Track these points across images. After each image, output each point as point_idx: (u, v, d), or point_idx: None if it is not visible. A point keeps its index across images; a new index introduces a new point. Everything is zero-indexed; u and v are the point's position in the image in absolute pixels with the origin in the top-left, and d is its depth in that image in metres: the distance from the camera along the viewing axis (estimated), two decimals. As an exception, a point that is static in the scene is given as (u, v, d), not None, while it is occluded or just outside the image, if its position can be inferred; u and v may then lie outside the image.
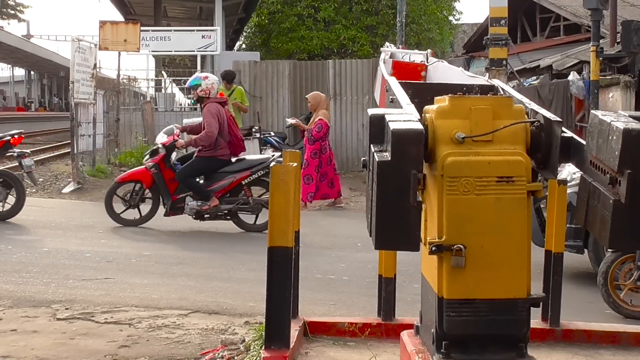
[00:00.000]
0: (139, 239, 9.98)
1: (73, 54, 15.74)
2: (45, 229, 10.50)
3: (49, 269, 7.80)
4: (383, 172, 3.47)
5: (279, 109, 19.91)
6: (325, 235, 10.67)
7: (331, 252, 9.47)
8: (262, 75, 20.04)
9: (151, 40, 28.48)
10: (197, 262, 8.51)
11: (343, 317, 5.74)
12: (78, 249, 8.98)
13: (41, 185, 16.22)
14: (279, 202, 4.20)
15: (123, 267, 8.11)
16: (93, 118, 17.12)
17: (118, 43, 19.51)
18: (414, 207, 3.47)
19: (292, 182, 4.24)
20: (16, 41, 53.02)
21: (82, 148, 16.47)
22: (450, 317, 3.52)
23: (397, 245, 3.65)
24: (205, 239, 10.26)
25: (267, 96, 19.89)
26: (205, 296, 6.82)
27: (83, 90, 16.19)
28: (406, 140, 3.47)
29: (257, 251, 8.87)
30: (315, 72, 20.16)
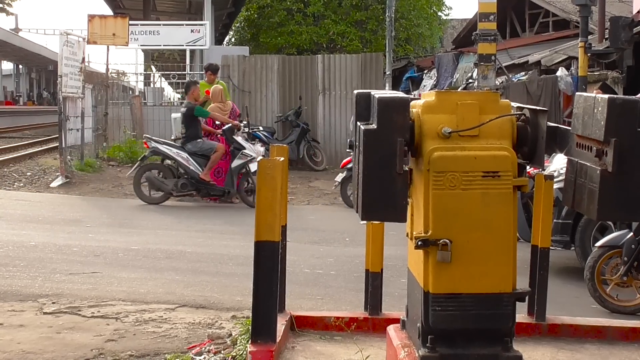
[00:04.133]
0: (127, 233, 9.95)
1: (61, 48, 15.69)
2: (32, 223, 10.46)
3: (36, 263, 7.78)
4: (369, 140, 3.49)
5: (267, 104, 19.91)
6: (313, 229, 10.67)
7: (319, 246, 9.48)
8: (251, 70, 20.03)
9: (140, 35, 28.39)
10: (184, 256, 8.49)
11: (330, 311, 5.75)
12: (65, 243, 8.95)
13: (29, 179, 16.17)
14: (266, 197, 4.20)
15: (110, 261, 8.09)
16: (81, 112, 17.08)
17: (107, 37, 19.47)
18: (400, 176, 3.48)
19: (279, 177, 4.24)
20: (4, 35, 52.78)
21: (71, 142, 16.42)
22: (436, 311, 3.53)
23: (383, 215, 3.64)
24: (193, 233, 10.24)
25: (256, 91, 19.89)
26: (192, 290, 6.82)
27: (71, 84, 16.13)
28: (392, 107, 3.49)
29: (245, 245, 8.88)
30: (304, 67, 20.16)
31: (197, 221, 11.30)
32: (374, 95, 3.58)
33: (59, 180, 15.16)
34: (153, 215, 11.83)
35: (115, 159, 18.87)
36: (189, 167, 12.84)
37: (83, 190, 14.45)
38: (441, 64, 27.36)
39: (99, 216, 11.55)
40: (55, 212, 11.74)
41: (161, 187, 12.96)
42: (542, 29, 28.07)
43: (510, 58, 23.33)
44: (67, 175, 15.38)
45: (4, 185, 15.31)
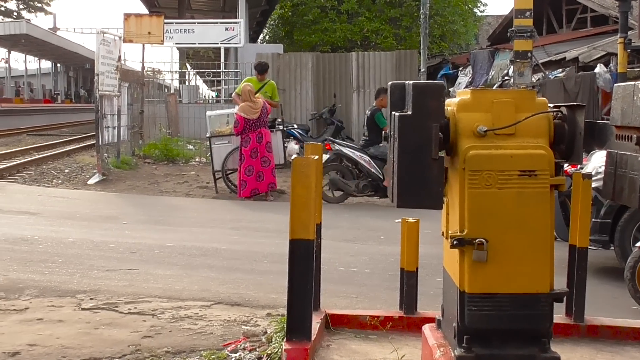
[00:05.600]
0: (162, 230, 10.00)
1: (98, 47, 15.79)
2: (70, 220, 10.55)
3: (74, 259, 7.84)
4: (404, 126, 3.48)
5: (302, 102, 19.94)
6: (347, 227, 10.65)
7: (353, 244, 9.45)
8: (285, 68, 20.07)
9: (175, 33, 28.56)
10: (219, 253, 8.51)
11: (365, 309, 5.72)
12: (102, 239, 9.02)
13: (67, 176, 16.33)
14: (300, 195, 4.19)
15: (146, 258, 8.13)
16: (117, 110, 17.19)
17: (142, 35, 19.59)
18: (435, 162, 3.47)
19: (313, 175, 4.22)
20: (43, 34, 53.31)
21: (107, 140, 16.55)
22: (472, 311, 3.50)
23: (419, 201, 3.62)
24: (227, 231, 10.27)
25: (290, 88, 19.93)
26: (227, 288, 6.83)
27: (108, 83, 16.24)
28: (427, 93, 3.48)
29: (279, 243, 8.88)
30: (338, 65, 20.16)
31: (232, 219, 11.34)
32: (409, 83, 3.58)
33: (96, 178, 15.30)
34: (188, 213, 11.89)
35: (150, 156, 18.99)
36: (371, 171, 13.17)
37: (119, 187, 14.57)
38: (476, 61, 27.22)
39: (135, 213, 11.63)
40: (93, 209, 11.84)
41: (344, 188, 13.31)
42: (580, 25, 27.82)
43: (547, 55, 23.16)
44: (103, 173, 15.52)
45: (43, 182, 15.47)
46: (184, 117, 23.35)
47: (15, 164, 18.61)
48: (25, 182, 15.38)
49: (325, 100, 19.78)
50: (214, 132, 14.54)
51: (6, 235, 8.97)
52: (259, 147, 13.33)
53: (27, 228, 9.64)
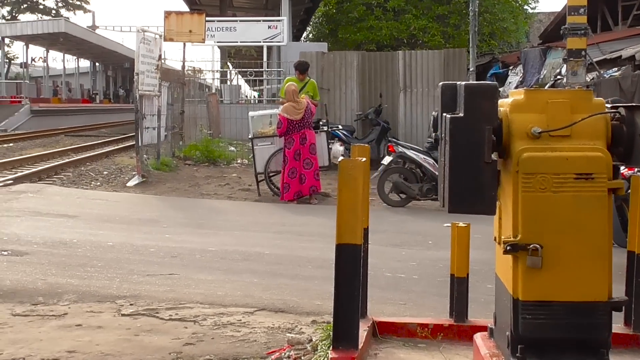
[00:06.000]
0: (204, 234, 10.06)
1: (138, 45, 15.89)
2: (109, 223, 10.66)
3: (113, 263, 7.93)
4: (455, 128, 3.47)
5: (347, 102, 19.93)
6: (394, 232, 10.63)
7: (401, 249, 9.43)
8: (330, 67, 20.08)
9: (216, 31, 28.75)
10: (262, 258, 8.55)
11: (413, 317, 5.71)
12: (142, 243, 9.10)
13: (106, 178, 16.51)
14: (347, 198, 4.19)
15: (187, 262, 8.19)
16: (157, 110, 17.30)
17: (183, 34, 19.73)
18: (488, 165, 3.45)
19: (360, 177, 4.23)
20: (81, 32, 53.90)
21: (147, 141, 16.65)
22: (526, 319, 3.48)
23: (471, 207, 3.60)
24: (270, 235, 10.30)
25: (334, 88, 19.93)
26: (271, 294, 6.85)
27: (148, 82, 16.35)
28: (479, 94, 3.47)
29: (324, 248, 8.90)
30: (385, 64, 20.12)
31: (275, 222, 11.37)
32: (461, 84, 3.58)
33: (136, 180, 15.43)
34: (230, 216, 11.95)
35: (191, 158, 19.13)
36: (435, 174, 13.11)
37: (159, 189, 14.69)
38: (527, 59, 27.01)
39: (175, 216, 11.72)
40: (132, 211, 11.96)
41: (407, 191, 13.29)
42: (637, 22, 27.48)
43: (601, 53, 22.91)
44: (143, 175, 15.65)
45: (82, 184, 15.66)
46: (225, 118, 23.49)
47: (53, 165, 18.87)
48: (63, 184, 15.58)
49: (370, 100, 19.75)
50: (257, 133, 14.60)
51: (45, 239, 9.10)
52: (302, 149, 13.37)
53: (65, 231, 9.76)
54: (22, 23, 54.35)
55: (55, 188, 14.56)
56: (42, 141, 30.51)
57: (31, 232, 9.48)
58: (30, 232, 9.48)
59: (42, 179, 16.48)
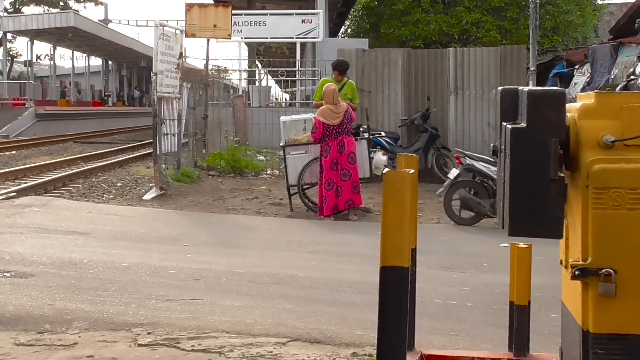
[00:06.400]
0: (230, 254, 10.10)
1: (156, 42, 15.91)
2: (124, 241, 10.73)
3: (129, 286, 7.97)
4: (517, 141, 3.45)
5: (390, 105, 19.92)
6: (445, 253, 10.61)
7: (452, 273, 9.41)
8: (371, 66, 20.07)
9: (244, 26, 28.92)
10: (296, 281, 8.56)
11: (467, 350, 5.69)
12: (161, 264, 9.15)
13: (119, 190, 16.62)
14: (393, 215, 4.18)
15: (212, 286, 8.22)
16: (178, 114, 17.36)
17: (207, 29, 19.80)
18: (554, 182, 3.43)
19: (408, 192, 4.22)
20: (93, 27, 54.44)
21: (166, 149, 16.70)
22: (597, 354, 3.46)
23: (534, 229, 3.57)
24: (305, 255, 10.32)
25: (376, 90, 19.92)
26: (306, 322, 6.85)
27: (167, 83, 16.41)
28: (544, 102, 3.44)
29: (365, 270, 8.90)
30: (433, 62, 20.09)
31: (310, 241, 11.39)
32: (523, 90, 3.55)
33: (153, 192, 15.51)
34: (259, 234, 11.98)
35: (215, 168, 19.21)
36: None
37: (180, 203, 14.77)
38: (596, 57, 26.81)
39: (198, 234, 11.78)
40: (149, 228, 12.03)
41: (477, 208, 13.26)
42: None
43: (681, 50, 22.70)
44: (162, 187, 15.71)
45: (92, 197, 15.80)
46: (253, 123, 23.54)
47: (61, 176, 19.06)
48: (72, 197, 15.72)
49: (417, 103, 19.72)
50: (289, 140, 14.61)
51: (52, 259, 9.18)
52: (339, 158, 13.39)
53: (75, 250, 9.84)
54: (27, 16, 54.92)
55: (64, 201, 14.68)
56: (48, 148, 30.83)
57: (37, 251, 9.56)
58: (36, 251, 9.56)
59: (48, 191, 16.66)
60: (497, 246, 10.42)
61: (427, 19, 33.18)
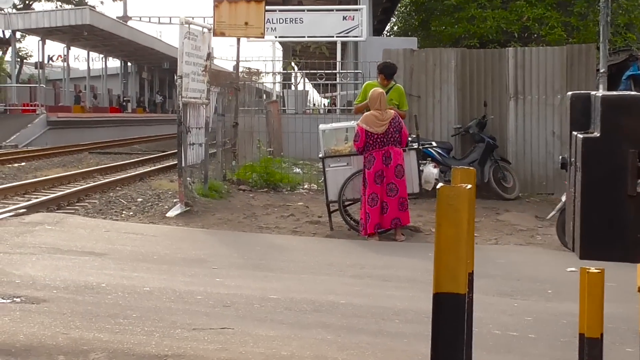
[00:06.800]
0: (263, 278, 10.11)
1: (182, 41, 15.90)
2: (146, 263, 10.77)
3: (151, 314, 8.00)
4: (590, 152, 3.41)
5: (442, 112, 19.88)
6: (504, 277, 10.57)
7: (512, 300, 9.37)
8: (421, 68, 20.05)
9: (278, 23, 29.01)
10: (337, 309, 8.55)
11: (530, 387, 5.67)
12: (187, 289, 9.18)
13: (140, 206, 16.70)
14: (448, 235, 4.19)
15: (244, 313, 8.23)
16: (205, 122, 17.37)
17: (237, 27, 19.81)
18: (632, 200, 3.39)
19: (465, 209, 4.22)
20: (110, 25, 54.83)
21: (192, 160, 16.70)
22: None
23: (609, 252, 3.54)
24: (347, 279, 10.31)
25: (427, 95, 19.89)
26: (348, 354, 6.85)
27: (193, 87, 16.43)
28: (620, 109, 3.40)
29: (414, 296, 8.89)
30: (490, 64, 20.04)
31: (353, 263, 11.38)
32: (596, 95, 3.53)
33: (178, 209, 15.56)
34: (296, 256, 11.99)
35: (246, 181, 19.25)
36: None
37: (207, 221, 14.81)
38: (676, 57, 26.64)
39: (227, 255, 11.80)
40: (174, 249, 12.07)
41: None
42: None
43: None
44: (187, 202, 15.75)
45: (110, 213, 15.90)
46: (288, 132, 23.57)
47: (76, 190, 19.22)
48: (88, 214, 15.83)
49: (472, 110, 19.66)
50: (329, 151, 14.58)
51: (66, 283, 9.24)
52: (385, 170, 13.36)
53: (92, 273, 9.89)
54: (38, 13, 55.50)
55: (79, 219, 14.77)
56: (61, 160, 31.09)
57: (49, 274, 9.63)
58: (49, 274, 9.63)
59: (61, 207, 16.80)
60: (563, 270, 10.37)
61: (484, 15, 33.05)
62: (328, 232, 14.18)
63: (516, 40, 32.69)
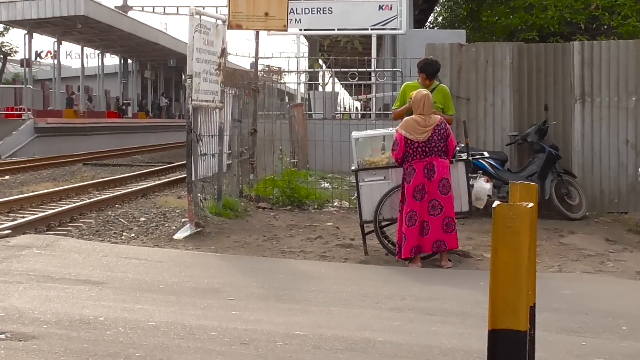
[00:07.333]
0: (287, 311, 10.11)
1: (192, 35, 15.84)
2: (150, 293, 10.79)
3: (157, 353, 8.01)
4: None
5: (495, 117, 19.85)
6: (569, 311, 10.52)
7: (580, 338, 9.34)
8: (470, 66, 20.02)
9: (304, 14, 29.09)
10: (374, 347, 8.54)
11: None
12: (199, 323, 9.18)
13: (143, 227, 16.74)
14: (506, 262, 4.19)
15: (265, 352, 8.23)
16: (219, 129, 17.40)
17: (256, 18, 19.83)
18: None
19: (525, 232, 4.22)
20: (108, 16, 55.03)
21: (203, 173, 16.70)
22: None
23: None
24: (385, 312, 10.30)
25: (477, 97, 19.86)
26: (387, 401, 6.86)
27: (205, 88, 16.43)
28: None
29: (464, 333, 8.87)
30: (552, 60, 19.98)
31: (391, 294, 11.36)
32: None
33: (187, 230, 15.59)
34: (325, 285, 11.98)
35: (267, 198, 19.28)
36: None
37: (221, 244, 14.83)
38: None
39: (245, 284, 11.81)
40: (183, 276, 12.08)
41: None
42: None
43: None
44: (198, 222, 15.77)
45: (109, 235, 15.95)
46: (315, 140, 23.54)
47: (68, 208, 19.31)
48: (83, 236, 15.89)
49: (531, 115, 19.60)
50: (363, 163, 14.55)
51: (59, 316, 9.25)
52: (427, 185, 13.28)
53: (88, 305, 9.90)
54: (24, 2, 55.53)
55: (72, 242, 14.82)
56: (51, 173, 31.24)
57: (39, 306, 9.65)
58: (38, 306, 9.65)
59: (52, 228, 16.87)
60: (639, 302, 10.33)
61: (544, 3, 32.91)
62: (362, 258, 14.16)
63: (582, 33, 32.59)
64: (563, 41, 25.27)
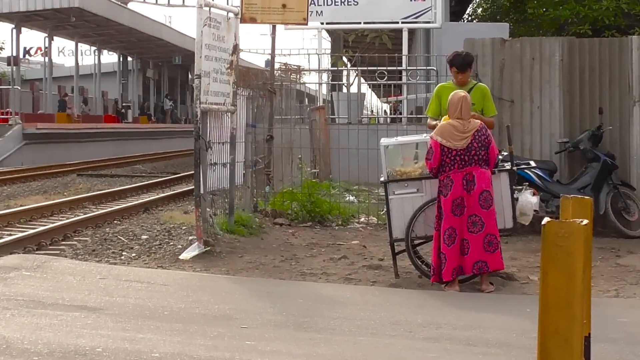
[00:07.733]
0: (308, 340, 10.10)
1: (200, 30, 15.85)
2: (154, 321, 10.80)
3: (163, 389, 8.05)
4: None
5: (543, 121, 19.82)
6: (628, 342, 10.48)
7: (641, 373, 9.33)
8: (514, 63, 20.00)
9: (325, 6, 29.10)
10: (406, 383, 8.56)
11: None
12: (209, 355, 9.19)
13: (145, 246, 16.76)
14: (557, 286, 4.18)
15: (283, 389, 8.26)
16: (231, 135, 17.41)
17: (272, 10, 19.83)
18: None
19: (579, 253, 4.21)
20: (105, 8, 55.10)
21: (213, 185, 16.73)
22: None
23: None
24: (418, 343, 10.28)
25: (522, 98, 19.83)
26: None
27: (215, 89, 16.44)
28: None
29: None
30: (607, 57, 19.94)
31: (426, 322, 11.36)
32: None
33: (195, 249, 15.58)
34: (350, 311, 11.96)
35: (284, 213, 19.27)
36: None
37: (234, 265, 14.84)
38: None
39: (261, 310, 11.81)
40: (190, 301, 12.09)
41: None
42: None
43: None
44: (207, 241, 15.76)
45: (107, 255, 15.99)
46: (339, 147, 23.50)
47: (61, 224, 19.35)
48: (77, 256, 15.92)
49: (583, 119, 19.58)
50: (394, 173, 14.52)
51: (51, 346, 9.26)
52: (467, 198, 13.22)
53: (84, 334, 9.91)
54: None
55: (66, 262, 14.83)
56: (41, 184, 31.31)
57: (29, 335, 9.66)
58: (28, 335, 9.66)
59: (43, 247, 16.91)
60: None
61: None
62: (392, 280, 14.14)
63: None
64: (620, 35, 25.23)
